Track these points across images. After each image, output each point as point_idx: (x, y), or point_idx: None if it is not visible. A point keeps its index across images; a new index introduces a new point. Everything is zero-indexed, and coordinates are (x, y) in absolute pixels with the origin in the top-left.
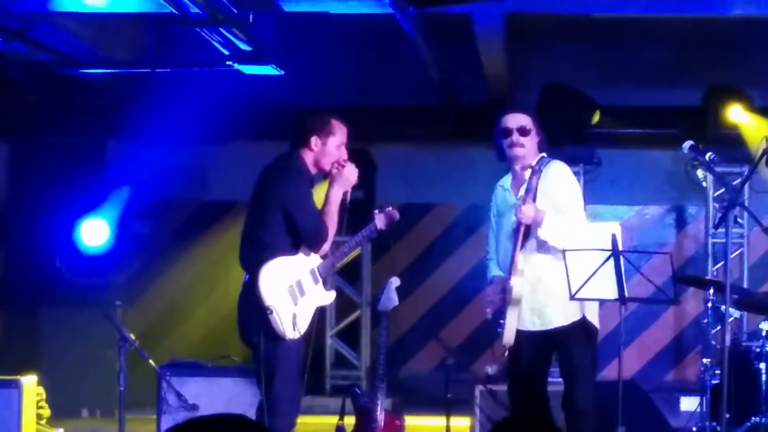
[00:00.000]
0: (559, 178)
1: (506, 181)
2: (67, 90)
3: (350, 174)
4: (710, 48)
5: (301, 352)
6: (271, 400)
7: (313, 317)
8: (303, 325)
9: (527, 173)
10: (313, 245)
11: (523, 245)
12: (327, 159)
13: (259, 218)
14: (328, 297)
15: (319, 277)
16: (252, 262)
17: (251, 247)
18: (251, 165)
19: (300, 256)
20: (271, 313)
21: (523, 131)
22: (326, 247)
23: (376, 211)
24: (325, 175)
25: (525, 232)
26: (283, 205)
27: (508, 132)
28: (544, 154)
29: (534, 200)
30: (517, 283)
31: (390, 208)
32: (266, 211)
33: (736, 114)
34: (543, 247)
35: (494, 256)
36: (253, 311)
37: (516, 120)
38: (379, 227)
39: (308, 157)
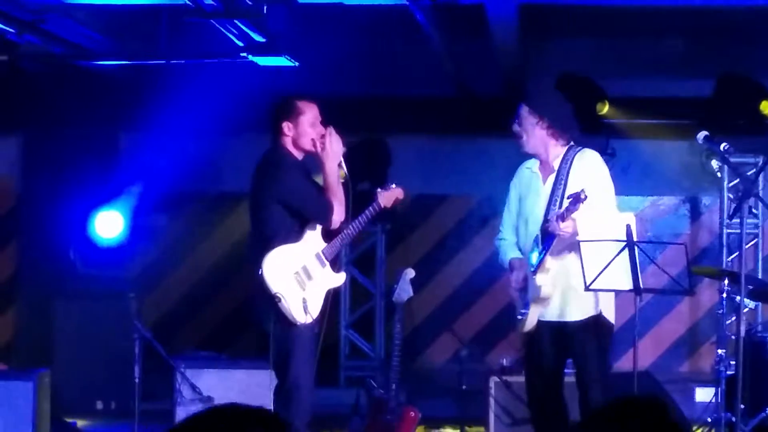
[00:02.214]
0: (590, 167)
1: (534, 164)
2: (81, 82)
3: (335, 145)
4: (724, 38)
5: (315, 336)
6: (289, 384)
7: (326, 301)
8: (315, 309)
9: (557, 161)
10: (321, 220)
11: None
12: (304, 138)
13: (259, 216)
14: (338, 279)
15: (325, 260)
16: (258, 257)
17: (256, 245)
18: None
19: (303, 243)
20: (280, 300)
21: (519, 121)
22: (337, 217)
23: (379, 190)
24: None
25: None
26: (279, 198)
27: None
28: (572, 143)
29: (564, 189)
30: (545, 282)
31: (393, 186)
32: (264, 208)
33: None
34: (569, 244)
35: (508, 237)
36: (263, 299)
37: (518, 109)
38: (383, 205)
39: (288, 144)
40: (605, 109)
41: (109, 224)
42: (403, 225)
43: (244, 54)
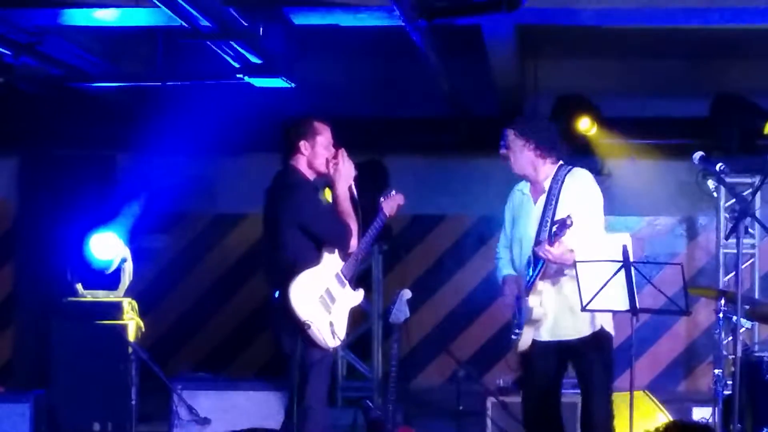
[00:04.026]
0: (581, 187)
1: (525, 186)
2: (77, 103)
3: (347, 168)
4: (720, 58)
5: (332, 361)
6: (305, 406)
7: (348, 321)
8: (341, 331)
9: (547, 182)
10: (341, 247)
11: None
12: (319, 160)
13: (276, 239)
14: (358, 297)
15: (344, 280)
16: (280, 282)
17: (276, 269)
18: (262, 177)
19: (323, 265)
20: (309, 327)
21: (506, 144)
22: (354, 242)
23: (382, 199)
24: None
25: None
26: (298, 222)
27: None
28: (561, 162)
29: (555, 209)
30: (536, 304)
31: (393, 193)
32: (282, 231)
33: None
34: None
35: (504, 255)
36: (288, 324)
37: (505, 134)
38: (388, 214)
39: (302, 164)
40: (593, 128)
41: (105, 245)
42: (400, 245)
43: (241, 75)
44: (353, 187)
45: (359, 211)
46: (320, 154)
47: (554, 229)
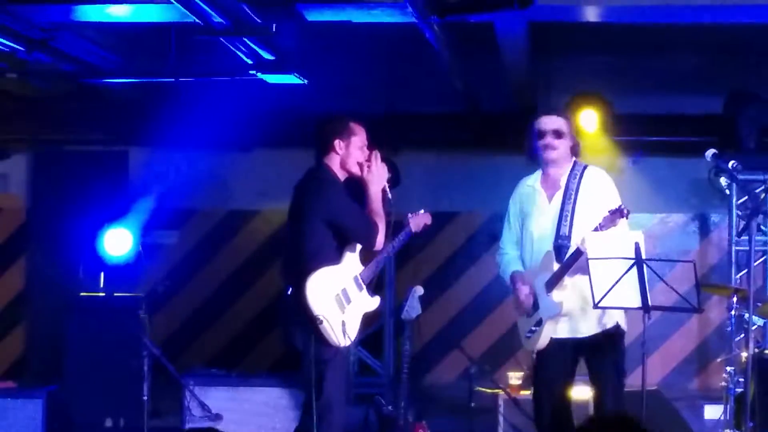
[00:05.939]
0: (599, 184)
1: (534, 180)
2: (90, 99)
3: (380, 170)
4: (734, 55)
5: (349, 359)
6: (321, 404)
7: (361, 324)
8: (353, 332)
9: (563, 178)
10: (367, 242)
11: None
12: (352, 160)
13: (301, 233)
14: (373, 303)
15: (362, 284)
16: (296, 275)
17: (295, 261)
18: (274, 173)
19: (343, 265)
20: (321, 322)
21: (558, 134)
22: (381, 239)
23: (410, 215)
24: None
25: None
26: (324, 216)
27: (542, 134)
28: (575, 159)
29: (574, 205)
30: (564, 298)
31: (422, 211)
32: (307, 225)
33: None
34: (581, 259)
35: (510, 252)
36: (301, 319)
37: (552, 122)
38: (413, 230)
39: (334, 163)
40: (596, 126)
41: (118, 242)
42: (412, 242)
43: (254, 72)
44: (387, 188)
45: (392, 213)
46: (354, 155)
47: (607, 216)
